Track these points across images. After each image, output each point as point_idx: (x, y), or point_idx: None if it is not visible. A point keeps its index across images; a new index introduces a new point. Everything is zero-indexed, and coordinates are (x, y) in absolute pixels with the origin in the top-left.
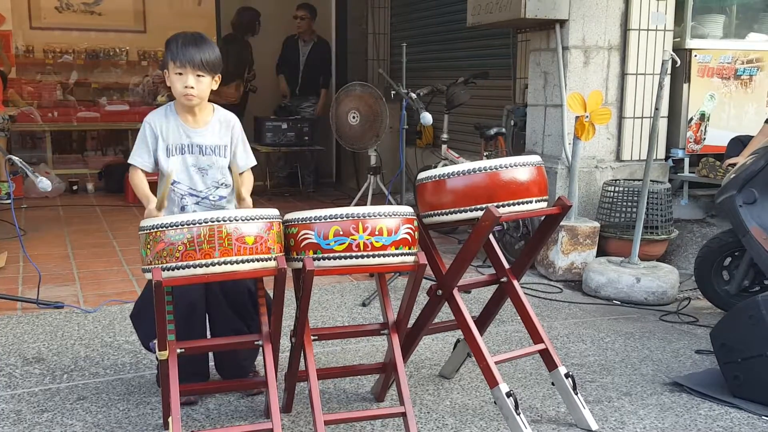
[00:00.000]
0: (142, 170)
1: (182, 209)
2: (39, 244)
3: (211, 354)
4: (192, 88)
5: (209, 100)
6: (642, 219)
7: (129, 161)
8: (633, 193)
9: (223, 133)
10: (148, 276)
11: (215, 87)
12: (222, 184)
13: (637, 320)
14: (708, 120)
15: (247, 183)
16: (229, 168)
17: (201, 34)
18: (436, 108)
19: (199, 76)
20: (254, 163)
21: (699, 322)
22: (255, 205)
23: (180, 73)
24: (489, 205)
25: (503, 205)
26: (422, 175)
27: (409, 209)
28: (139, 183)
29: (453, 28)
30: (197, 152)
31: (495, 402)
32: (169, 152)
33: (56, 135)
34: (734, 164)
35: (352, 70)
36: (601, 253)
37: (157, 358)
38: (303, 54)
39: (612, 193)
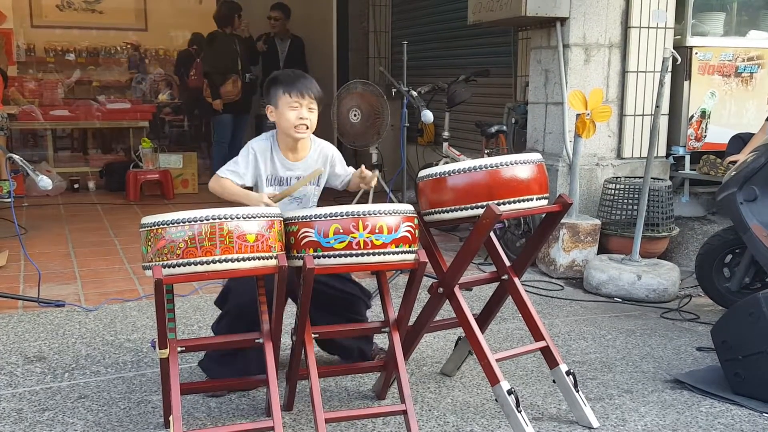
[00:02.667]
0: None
1: None
2: (40, 243)
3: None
4: (306, 119)
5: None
6: (643, 216)
7: (218, 173)
8: (634, 190)
9: (319, 164)
10: (149, 273)
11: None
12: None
13: (638, 317)
14: (709, 117)
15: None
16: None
17: (302, 72)
18: (437, 106)
19: (311, 109)
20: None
21: (700, 319)
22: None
23: (295, 106)
24: (490, 202)
25: (504, 203)
26: (423, 172)
27: (409, 207)
28: (229, 185)
29: (454, 26)
30: (295, 181)
31: (496, 400)
32: (268, 181)
33: (57, 133)
34: (735, 162)
35: (353, 68)
36: (602, 250)
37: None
38: (282, 51)
39: (613, 191)
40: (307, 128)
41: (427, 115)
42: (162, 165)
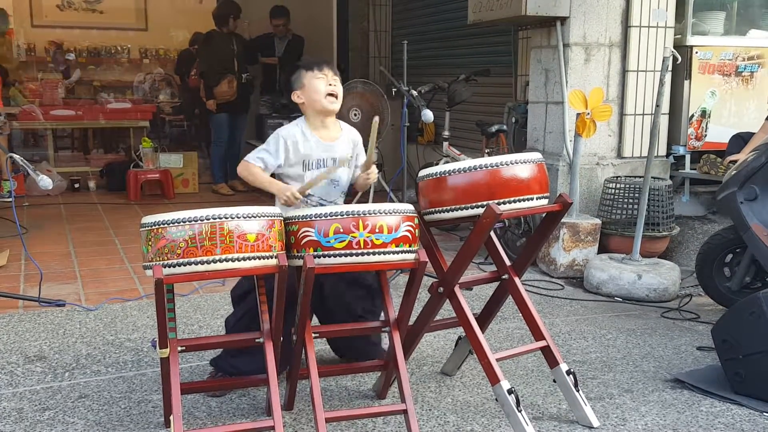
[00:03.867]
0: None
1: None
2: (41, 242)
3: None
4: (334, 86)
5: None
6: (643, 216)
7: (247, 159)
8: (634, 189)
9: (350, 147)
10: (149, 273)
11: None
12: (346, 194)
13: (639, 317)
14: (709, 117)
15: None
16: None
17: None
18: (437, 105)
19: (335, 80)
20: None
21: (700, 318)
22: (256, 203)
23: (321, 77)
24: (490, 202)
25: (504, 203)
26: (423, 172)
27: (409, 207)
28: (258, 173)
29: (454, 26)
30: (332, 165)
31: (496, 399)
32: (306, 167)
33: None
34: (735, 161)
35: (354, 67)
36: (602, 249)
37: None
38: (279, 51)
39: (613, 190)
40: (336, 97)
41: (428, 115)
42: (162, 164)
